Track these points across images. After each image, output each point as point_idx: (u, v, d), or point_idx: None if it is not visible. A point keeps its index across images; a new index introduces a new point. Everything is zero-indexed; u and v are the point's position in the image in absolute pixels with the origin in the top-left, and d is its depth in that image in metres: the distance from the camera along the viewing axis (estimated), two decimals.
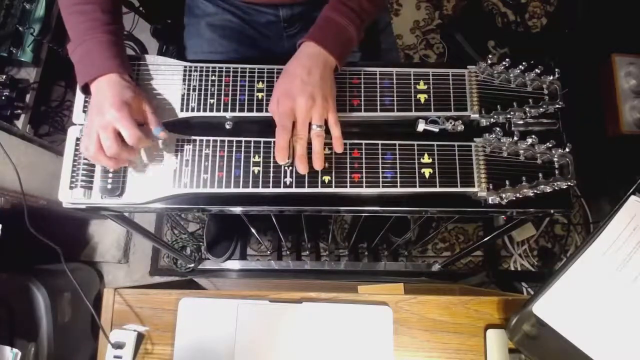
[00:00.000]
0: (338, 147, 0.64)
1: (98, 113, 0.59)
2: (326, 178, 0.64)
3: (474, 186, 0.64)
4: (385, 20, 0.94)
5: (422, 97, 0.68)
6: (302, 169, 0.62)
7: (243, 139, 0.65)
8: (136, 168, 0.65)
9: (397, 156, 0.65)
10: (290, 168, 0.64)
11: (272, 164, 0.65)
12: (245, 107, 0.67)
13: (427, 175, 0.65)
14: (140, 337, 0.68)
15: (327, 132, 0.63)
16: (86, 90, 0.63)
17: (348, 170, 0.64)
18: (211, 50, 0.86)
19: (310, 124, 0.62)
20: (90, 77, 0.61)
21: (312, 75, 0.61)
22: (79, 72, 0.62)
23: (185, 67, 0.68)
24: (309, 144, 0.62)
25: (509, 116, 0.67)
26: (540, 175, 0.64)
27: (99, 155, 0.59)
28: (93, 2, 0.63)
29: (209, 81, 0.68)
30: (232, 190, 0.64)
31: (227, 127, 0.68)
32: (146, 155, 0.65)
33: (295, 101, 0.60)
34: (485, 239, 1.06)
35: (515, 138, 0.64)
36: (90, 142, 0.59)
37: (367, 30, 0.68)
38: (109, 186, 0.63)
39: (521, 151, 0.65)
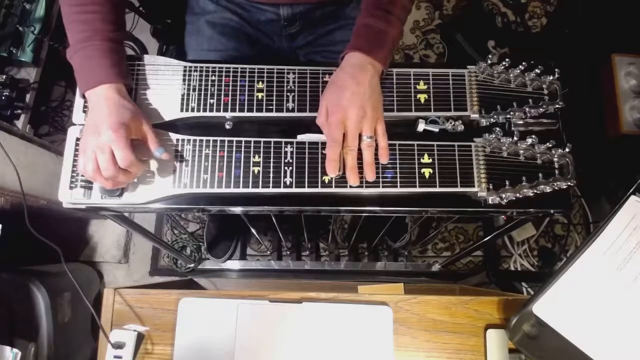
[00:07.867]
0: (384, 158, 0.64)
1: (94, 132, 0.58)
2: (326, 178, 0.64)
3: (474, 186, 0.64)
4: None
5: (422, 97, 0.68)
6: (354, 180, 0.62)
7: (243, 139, 0.65)
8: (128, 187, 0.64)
9: (397, 156, 0.65)
10: (290, 168, 0.64)
11: (271, 164, 0.64)
12: (245, 107, 0.67)
13: (427, 175, 0.65)
14: (140, 337, 0.67)
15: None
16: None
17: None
18: (211, 48, 0.86)
19: (360, 135, 0.62)
20: (87, 88, 0.61)
21: (361, 86, 0.60)
22: (78, 81, 0.62)
23: (185, 67, 0.68)
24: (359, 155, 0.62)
25: (508, 116, 0.67)
26: (540, 175, 0.64)
27: (96, 176, 0.58)
28: (95, 12, 0.62)
29: (209, 81, 0.68)
30: (232, 190, 0.64)
31: (227, 127, 0.68)
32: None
33: (346, 113, 0.60)
34: (485, 239, 1.06)
35: (515, 138, 0.64)
36: (88, 162, 0.58)
37: None
38: None
39: (521, 151, 0.65)
